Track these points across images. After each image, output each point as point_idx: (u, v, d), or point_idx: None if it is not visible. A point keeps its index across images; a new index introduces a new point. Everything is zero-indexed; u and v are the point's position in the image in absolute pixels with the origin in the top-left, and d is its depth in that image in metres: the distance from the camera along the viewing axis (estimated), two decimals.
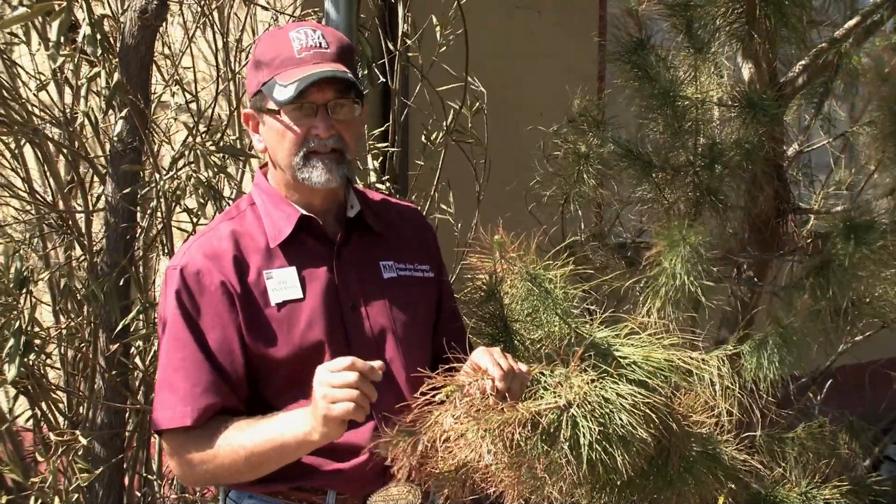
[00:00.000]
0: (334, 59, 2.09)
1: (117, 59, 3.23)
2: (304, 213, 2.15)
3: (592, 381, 1.80)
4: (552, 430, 1.77)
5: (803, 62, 3.14)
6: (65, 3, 2.95)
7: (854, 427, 3.16)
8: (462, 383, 1.89)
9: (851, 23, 3.11)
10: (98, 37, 3.06)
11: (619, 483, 2.01)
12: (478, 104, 3.85)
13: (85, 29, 3.06)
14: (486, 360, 1.93)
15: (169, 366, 2.08)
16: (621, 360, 1.85)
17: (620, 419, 1.74)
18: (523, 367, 1.94)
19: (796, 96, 3.31)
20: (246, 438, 2.01)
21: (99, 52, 3.10)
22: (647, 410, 1.78)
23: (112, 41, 3.27)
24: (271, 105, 2.09)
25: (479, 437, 1.79)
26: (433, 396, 1.89)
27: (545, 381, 1.88)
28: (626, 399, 1.75)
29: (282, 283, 2.10)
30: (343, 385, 1.87)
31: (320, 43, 2.10)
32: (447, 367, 1.95)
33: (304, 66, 2.07)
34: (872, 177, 3.96)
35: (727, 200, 3.03)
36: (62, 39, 3.01)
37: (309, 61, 2.07)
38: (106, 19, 3.37)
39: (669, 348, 1.90)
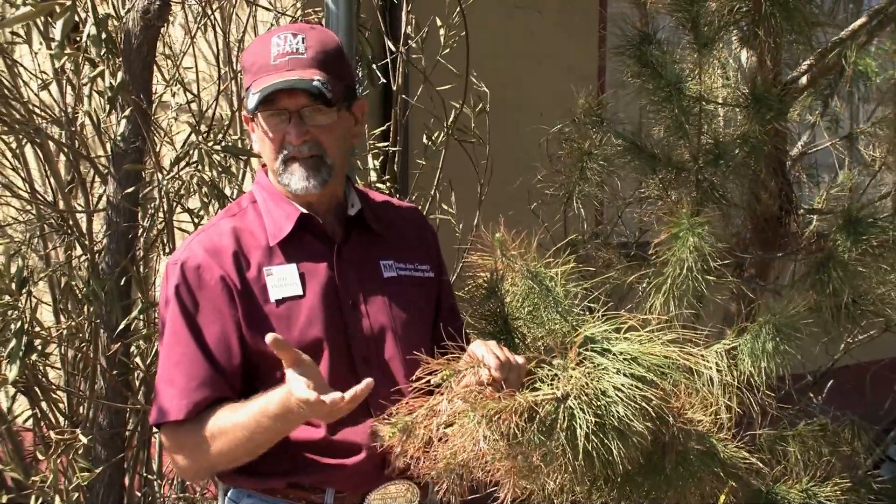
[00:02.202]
0: (310, 66, 2.08)
1: (121, 59, 3.24)
2: (305, 211, 2.15)
3: (590, 373, 1.81)
4: (549, 421, 1.77)
5: (808, 62, 3.13)
6: (69, 3, 2.96)
7: (855, 426, 3.16)
8: (458, 368, 1.90)
9: (857, 23, 3.10)
10: (102, 37, 3.06)
11: (618, 480, 2.01)
12: (481, 105, 3.86)
13: (90, 29, 3.06)
14: (483, 350, 1.93)
15: (168, 361, 2.10)
16: (618, 355, 1.85)
17: (617, 411, 1.74)
18: (520, 359, 1.95)
19: (801, 96, 3.31)
20: (239, 415, 2.01)
21: (103, 51, 3.10)
22: (644, 404, 1.78)
23: (115, 41, 3.27)
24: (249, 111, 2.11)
25: (476, 424, 1.79)
26: (428, 381, 1.90)
27: (542, 373, 1.88)
28: (623, 392, 1.75)
29: (282, 280, 2.11)
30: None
31: (297, 48, 2.09)
32: (445, 354, 1.95)
33: (275, 74, 2.07)
34: (875, 177, 3.95)
35: (731, 198, 3.02)
36: (66, 39, 3.02)
37: (282, 68, 2.07)
38: (109, 19, 3.36)
39: (668, 344, 1.90)
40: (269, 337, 1.90)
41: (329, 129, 2.10)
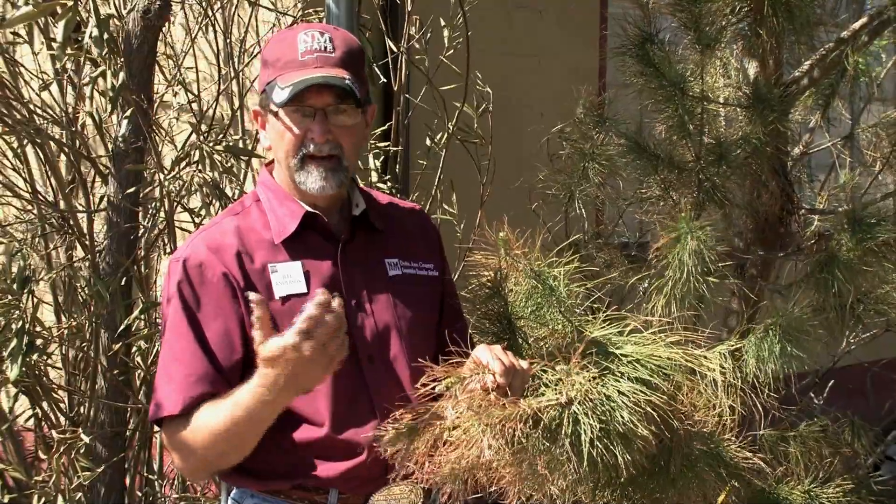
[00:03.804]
0: (338, 65, 2.08)
1: (122, 59, 3.24)
2: (310, 209, 2.15)
3: (594, 378, 1.80)
4: (553, 427, 1.76)
5: (810, 62, 3.13)
6: (71, 3, 2.96)
7: (856, 427, 3.16)
8: (462, 375, 1.89)
9: (859, 23, 3.10)
10: (105, 37, 3.06)
11: (621, 481, 2.00)
12: (484, 105, 3.86)
13: (92, 29, 3.06)
14: (488, 356, 1.93)
15: (168, 356, 2.09)
16: (623, 358, 1.85)
17: (622, 417, 1.73)
18: (524, 364, 1.94)
19: (802, 96, 3.31)
20: (220, 410, 1.99)
21: (105, 51, 3.10)
22: (649, 408, 1.77)
23: (117, 41, 3.27)
24: (272, 106, 2.10)
25: (480, 432, 1.78)
26: (433, 388, 1.89)
27: (547, 378, 1.87)
28: (628, 396, 1.75)
29: (286, 277, 2.10)
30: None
31: (326, 46, 2.09)
32: (449, 360, 1.95)
33: (304, 70, 2.06)
34: (877, 178, 3.95)
35: (732, 198, 3.02)
36: (67, 39, 3.02)
37: (311, 65, 2.07)
38: (111, 19, 3.36)
39: (672, 346, 1.89)
40: (251, 296, 1.88)
41: (350, 130, 2.11)
